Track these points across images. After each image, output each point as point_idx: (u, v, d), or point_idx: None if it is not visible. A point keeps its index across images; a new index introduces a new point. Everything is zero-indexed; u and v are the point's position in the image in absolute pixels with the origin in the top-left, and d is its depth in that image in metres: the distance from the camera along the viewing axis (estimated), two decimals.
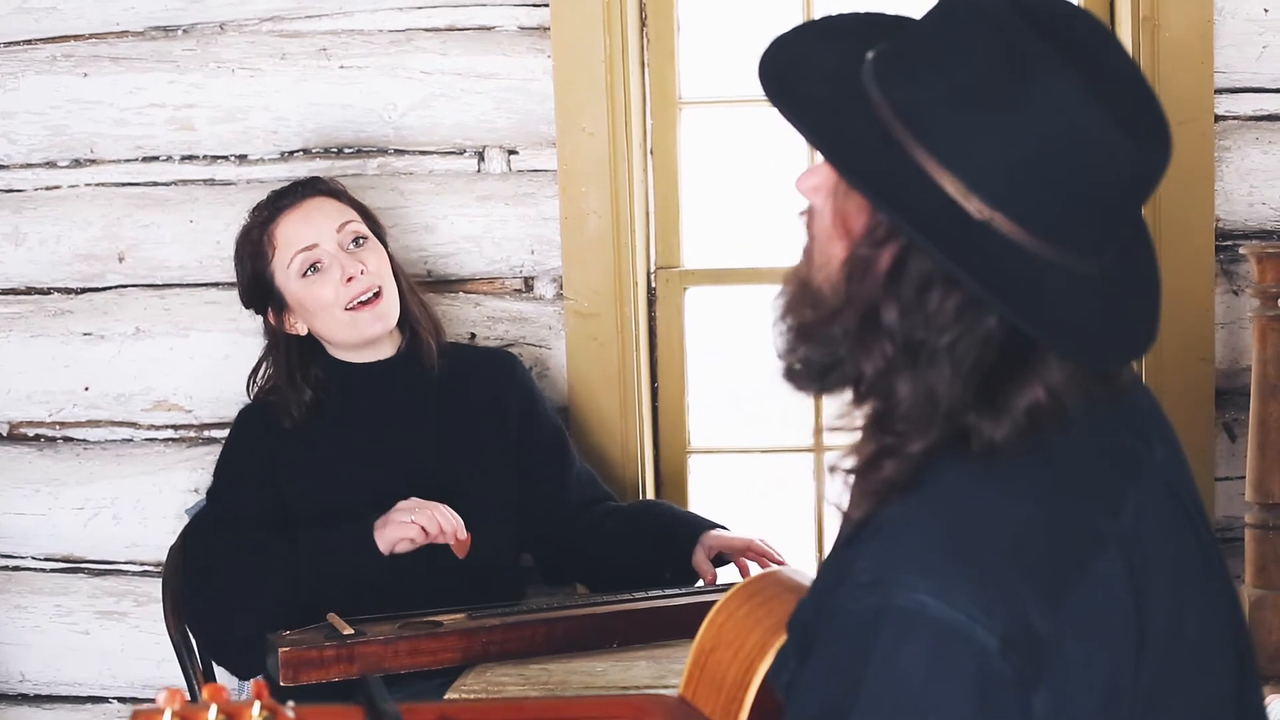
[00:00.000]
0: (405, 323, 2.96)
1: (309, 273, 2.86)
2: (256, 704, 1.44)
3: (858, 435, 1.48)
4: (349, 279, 2.85)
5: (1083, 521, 1.42)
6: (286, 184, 2.99)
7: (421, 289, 3.08)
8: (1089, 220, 1.40)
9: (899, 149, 1.40)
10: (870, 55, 1.47)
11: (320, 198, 2.92)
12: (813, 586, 1.55)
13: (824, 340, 1.47)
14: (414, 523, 2.69)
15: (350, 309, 2.85)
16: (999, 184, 1.38)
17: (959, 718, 1.34)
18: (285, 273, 2.87)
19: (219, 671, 3.00)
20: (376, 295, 2.87)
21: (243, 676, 2.92)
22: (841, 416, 1.50)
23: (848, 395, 1.49)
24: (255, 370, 3.01)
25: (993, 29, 1.39)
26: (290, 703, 1.48)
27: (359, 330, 2.88)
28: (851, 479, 1.48)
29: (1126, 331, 1.46)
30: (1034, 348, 1.40)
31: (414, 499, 2.74)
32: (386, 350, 2.95)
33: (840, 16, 1.57)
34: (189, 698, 1.44)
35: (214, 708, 1.43)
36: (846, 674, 1.38)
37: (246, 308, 2.98)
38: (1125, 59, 1.43)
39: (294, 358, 2.93)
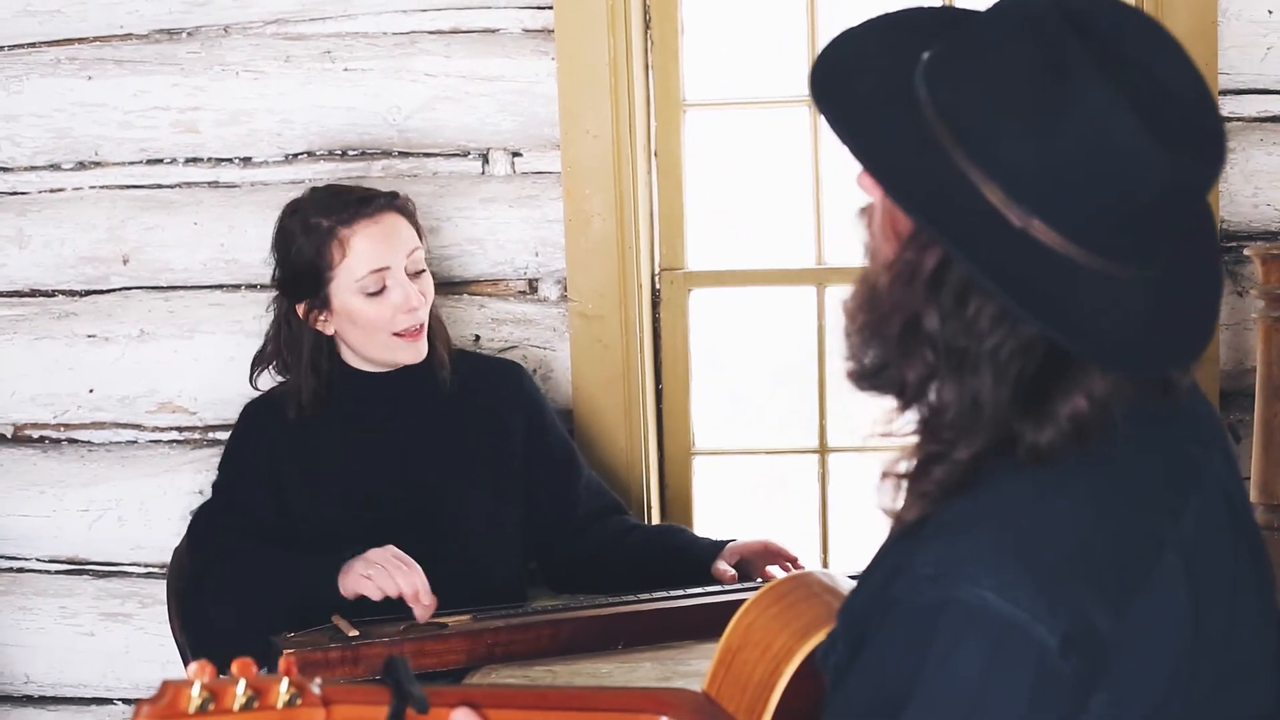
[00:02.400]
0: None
1: (376, 292, 2.82)
2: (285, 680, 1.45)
3: (909, 439, 1.49)
4: (410, 309, 2.82)
5: (1146, 528, 1.43)
6: (362, 186, 2.94)
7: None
8: (1129, 229, 1.39)
9: (939, 152, 1.40)
10: (926, 55, 1.46)
11: (397, 215, 2.86)
12: (865, 578, 1.55)
13: (879, 343, 1.48)
14: (370, 579, 2.61)
15: (396, 335, 2.85)
16: (1037, 191, 1.37)
17: (1014, 714, 1.35)
18: (349, 283, 2.81)
19: None
20: (421, 326, 2.86)
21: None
22: (888, 422, 1.50)
23: (892, 401, 1.50)
24: (259, 357, 2.96)
25: (1037, 35, 1.38)
26: (318, 680, 1.48)
27: (394, 356, 2.87)
28: (904, 483, 1.48)
29: (1173, 340, 1.45)
30: (1073, 356, 1.40)
31: (387, 551, 2.64)
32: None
33: (915, 10, 1.56)
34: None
35: (243, 682, 1.43)
36: (904, 665, 1.39)
37: (279, 291, 2.90)
38: (1179, 64, 1.41)
39: (310, 349, 2.89)
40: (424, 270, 2.88)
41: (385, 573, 2.60)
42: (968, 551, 1.39)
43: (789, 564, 2.78)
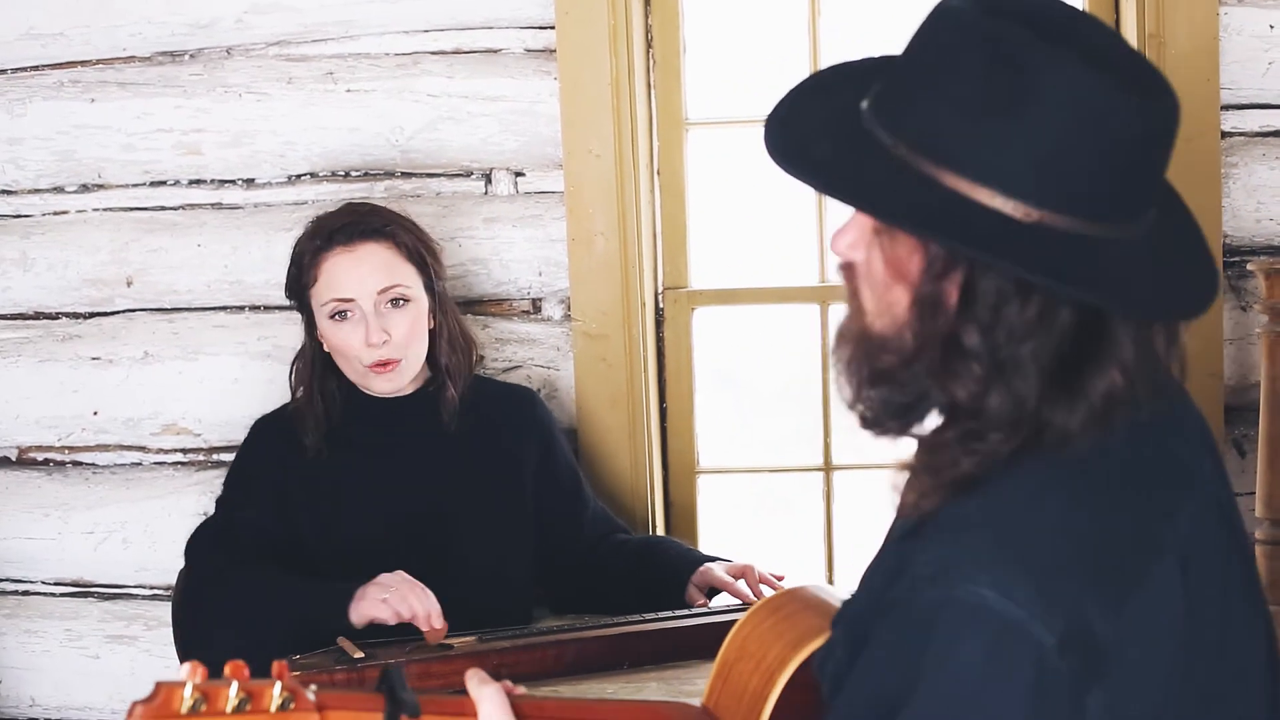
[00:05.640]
0: (435, 366, 2.93)
1: (337, 317, 2.83)
2: (278, 684, 1.45)
3: (929, 431, 1.50)
4: (370, 344, 2.81)
5: (1144, 528, 1.44)
6: (374, 210, 2.92)
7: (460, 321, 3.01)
8: (1124, 187, 1.43)
9: (928, 181, 1.42)
10: (865, 104, 1.50)
11: (379, 244, 2.84)
12: (864, 581, 1.57)
13: (906, 380, 1.49)
14: (386, 602, 2.61)
15: (366, 365, 2.85)
16: (1035, 181, 1.40)
17: (1012, 713, 1.35)
18: (319, 307, 2.85)
19: None
20: (395, 360, 2.84)
21: None
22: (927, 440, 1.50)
23: (927, 425, 1.50)
24: (294, 361, 2.97)
25: (976, 37, 1.41)
26: (313, 686, 1.48)
27: (368, 385, 2.88)
28: (920, 474, 1.49)
29: (1188, 283, 1.49)
30: (1105, 331, 1.43)
31: (398, 575, 2.65)
32: (408, 387, 2.93)
33: (823, 73, 1.62)
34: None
35: (235, 684, 1.43)
36: (903, 665, 1.40)
37: (288, 300, 2.94)
38: (1104, 30, 1.47)
39: (318, 366, 2.91)
40: (408, 301, 2.85)
41: (400, 595, 2.60)
42: (967, 551, 1.40)
43: (761, 591, 2.77)
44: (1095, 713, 1.37)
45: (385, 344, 2.82)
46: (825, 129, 1.51)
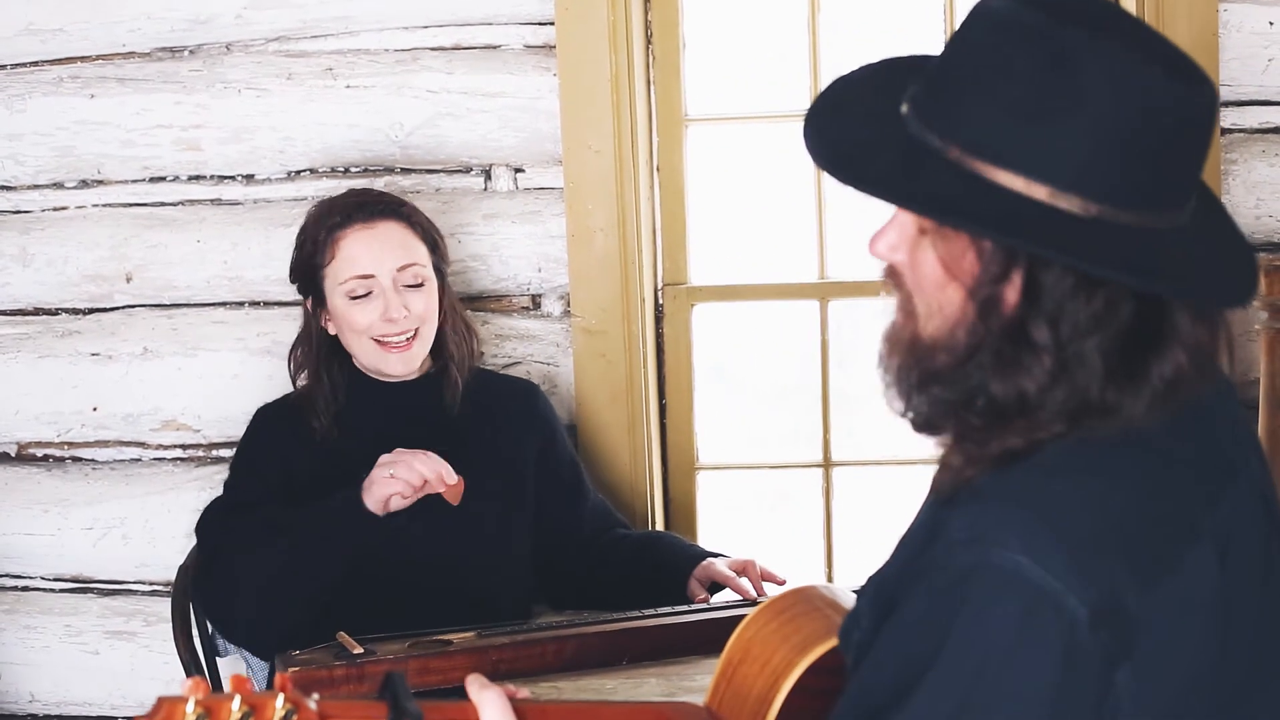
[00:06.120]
0: (440, 352, 2.94)
1: (356, 296, 2.84)
2: (280, 696, 1.45)
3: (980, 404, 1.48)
4: (389, 319, 2.83)
5: (1182, 512, 1.44)
6: (386, 193, 2.96)
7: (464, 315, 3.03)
8: (1175, 176, 1.44)
9: (985, 182, 1.42)
10: (906, 110, 1.49)
11: (397, 223, 2.87)
12: (895, 550, 1.57)
13: (958, 379, 1.48)
14: (394, 478, 2.65)
15: (379, 341, 2.86)
16: (1092, 176, 1.40)
17: (1040, 683, 1.35)
18: (336, 285, 2.85)
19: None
20: (411, 338, 2.86)
21: (262, 656, 2.90)
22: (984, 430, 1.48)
23: (982, 420, 1.48)
24: (293, 348, 2.98)
25: (1021, 36, 1.41)
26: (315, 695, 1.48)
27: (379, 364, 2.89)
28: (967, 443, 1.48)
29: (1233, 266, 1.49)
30: (1167, 316, 1.43)
31: (396, 450, 2.69)
32: (412, 373, 2.94)
33: (852, 78, 1.60)
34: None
35: (238, 698, 1.43)
36: (933, 629, 1.39)
37: (291, 282, 2.96)
38: (1130, 17, 1.47)
39: (324, 351, 2.92)
40: (422, 285, 2.87)
41: (405, 465, 2.64)
42: (1004, 517, 1.39)
43: (763, 588, 2.77)
44: (1123, 690, 1.37)
45: (404, 318, 2.83)
46: (872, 141, 1.50)
